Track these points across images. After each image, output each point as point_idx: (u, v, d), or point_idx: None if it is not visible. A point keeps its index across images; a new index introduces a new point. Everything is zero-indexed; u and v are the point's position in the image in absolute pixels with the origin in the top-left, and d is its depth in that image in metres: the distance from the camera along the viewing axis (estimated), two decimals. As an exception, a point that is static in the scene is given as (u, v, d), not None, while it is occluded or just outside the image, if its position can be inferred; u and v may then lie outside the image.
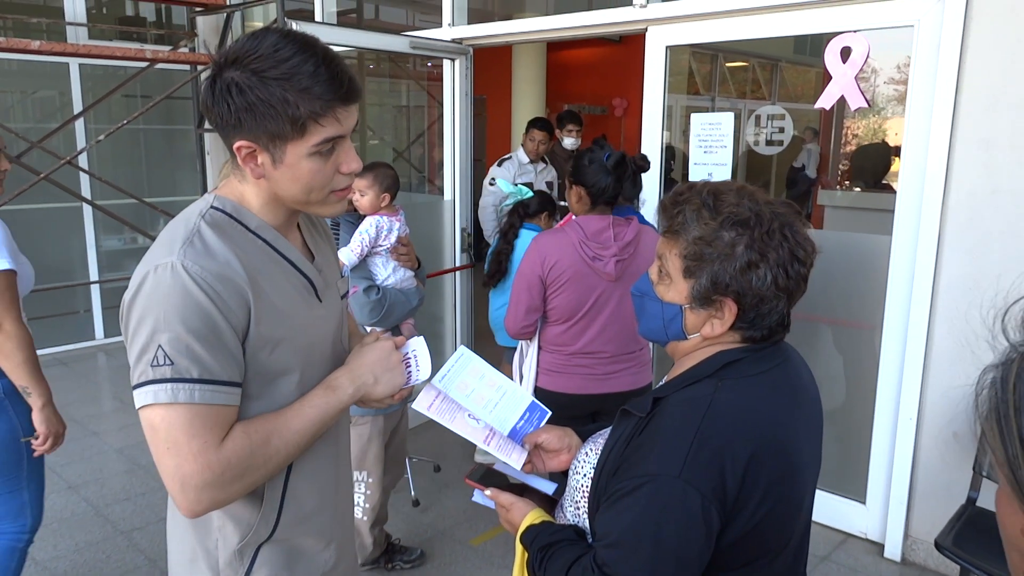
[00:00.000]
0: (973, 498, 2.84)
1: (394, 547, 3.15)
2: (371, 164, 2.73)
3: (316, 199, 1.22)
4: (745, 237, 1.14)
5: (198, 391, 1.10)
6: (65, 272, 6.18)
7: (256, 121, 1.12)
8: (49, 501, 3.65)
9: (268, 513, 1.28)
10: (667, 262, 1.22)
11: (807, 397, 1.24)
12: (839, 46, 3.18)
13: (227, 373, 1.13)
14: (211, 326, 1.11)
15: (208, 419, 1.11)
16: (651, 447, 1.13)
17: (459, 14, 4.62)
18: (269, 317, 1.19)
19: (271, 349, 1.20)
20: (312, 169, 1.17)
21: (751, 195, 1.19)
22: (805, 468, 1.18)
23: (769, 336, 1.21)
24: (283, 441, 1.19)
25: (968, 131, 2.90)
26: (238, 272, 1.15)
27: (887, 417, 3.29)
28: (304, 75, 1.11)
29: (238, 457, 1.13)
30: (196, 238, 1.16)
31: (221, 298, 1.11)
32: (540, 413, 1.54)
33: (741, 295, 1.15)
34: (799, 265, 1.16)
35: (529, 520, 1.30)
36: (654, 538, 1.07)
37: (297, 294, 1.27)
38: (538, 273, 2.59)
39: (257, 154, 1.17)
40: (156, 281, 1.12)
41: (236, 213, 1.23)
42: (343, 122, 1.17)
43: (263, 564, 1.29)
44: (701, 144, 3.73)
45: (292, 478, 1.30)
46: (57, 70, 5.98)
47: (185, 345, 1.09)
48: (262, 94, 1.10)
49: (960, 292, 3.01)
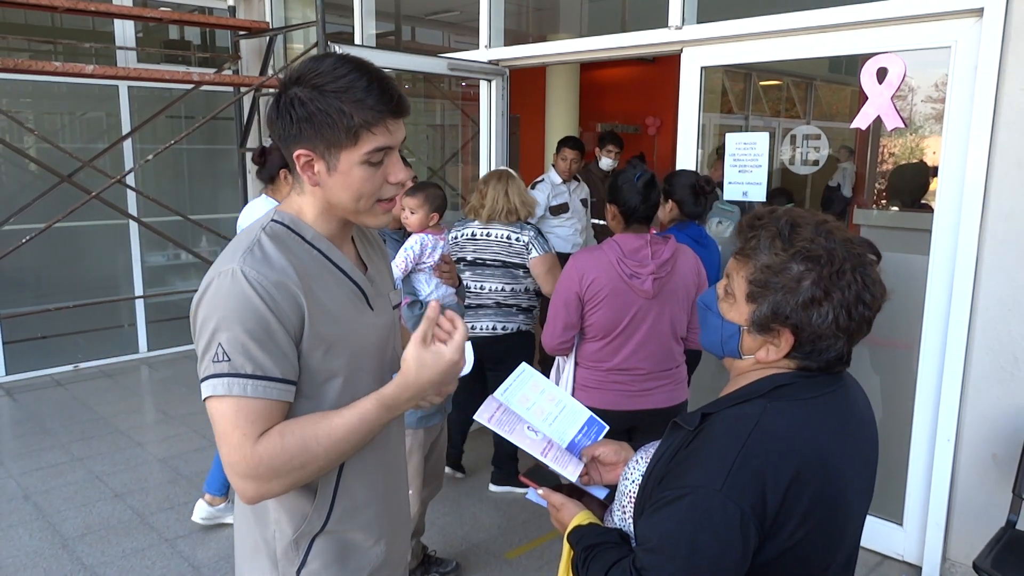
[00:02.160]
0: (1013, 521, 2.82)
1: (430, 559, 3.20)
2: (421, 184, 2.82)
3: (364, 207, 1.32)
4: (813, 273, 1.15)
5: (250, 386, 1.20)
6: (111, 287, 6.38)
7: (314, 130, 1.24)
8: (96, 508, 3.78)
9: (321, 506, 1.36)
10: (734, 282, 1.25)
11: (860, 425, 1.24)
12: (875, 67, 3.20)
13: (279, 370, 1.23)
14: (265, 327, 1.21)
15: (252, 413, 1.21)
16: (696, 460, 1.16)
17: (496, 36, 4.72)
18: (322, 320, 1.28)
19: (324, 350, 1.29)
20: (363, 177, 1.28)
21: (829, 231, 1.19)
22: (851, 494, 1.19)
23: (826, 368, 1.22)
24: (323, 446, 1.24)
25: (1006, 151, 2.90)
26: (292, 279, 1.25)
27: (925, 438, 3.27)
28: (359, 89, 1.23)
29: (270, 455, 1.21)
30: (256, 247, 1.27)
31: (276, 302, 1.22)
32: (598, 428, 1.60)
33: (800, 328, 1.17)
34: (864, 308, 1.17)
35: (577, 521, 1.35)
36: (691, 547, 1.10)
37: (348, 301, 1.36)
38: (576, 290, 2.64)
39: (314, 162, 1.28)
40: (219, 286, 1.22)
41: (294, 225, 1.34)
42: (393, 133, 1.28)
43: (317, 555, 1.37)
44: (736, 163, 3.76)
45: (344, 472, 1.38)
46: (105, 92, 6.20)
47: (241, 344, 1.19)
48: (321, 105, 1.23)
49: (999, 312, 2.99)
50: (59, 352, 6.06)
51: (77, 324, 6.09)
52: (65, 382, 5.82)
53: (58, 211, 5.31)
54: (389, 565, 1.50)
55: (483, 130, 4.80)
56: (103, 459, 4.38)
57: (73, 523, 3.63)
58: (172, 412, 5.16)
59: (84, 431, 4.79)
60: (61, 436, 4.70)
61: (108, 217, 5.99)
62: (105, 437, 4.70)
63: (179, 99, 5.96)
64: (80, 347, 6.21)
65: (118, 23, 6.19)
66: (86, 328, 6.19)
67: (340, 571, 1.40)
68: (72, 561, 3.31)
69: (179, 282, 6.86)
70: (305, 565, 1.38)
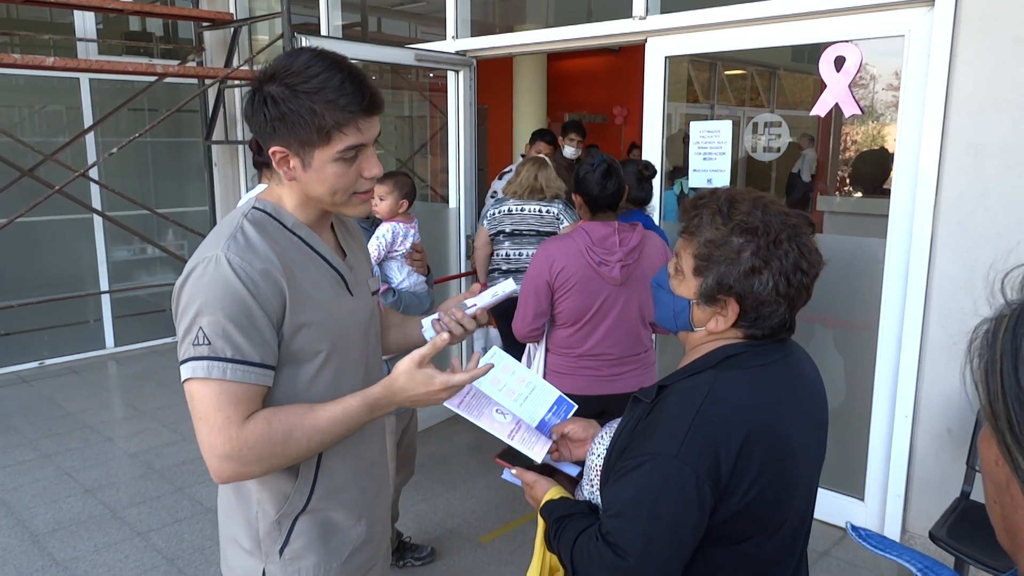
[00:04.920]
0: (967, 492, 2.93)
1: (405, 545, 3.24)
2: (390, 172, 2.85)
3: (340, 200, 1.35)
4: (752, 245, 1.23)
5: (229, 369, 1.23)
6: (76, 282, 6.29)
7: (288, 129, 1.27)
8: (67, 504, 3.75)
9: (302, 486, 1.40)
10: (682, 259, 1.32)
11: (807, 390, 1.32)
12: (833, 55, 3.29)
13: (259, 355, 1.26)
14: (247, 313, 1.24)
15: (235, 396, 1.24)
16: (654, 429, 1.23)
17: (463, 27, 4.74)
18: (303, 306, 1.32)
19: (307, 335, 1.33)
20: (336, 173, 1.31)
21: (765, 205, 1.27)
22: (800, 454, 1.26)
23: (772, 335, 1.29)
24: (306, 437, 1.29)
25: (958, 136, 3.01)
26: (276, 266, 1.28)
27: (884, 415, 3.38)
28: (331, 89, 1.25)
29: (255, 440, 1.25)
30: (239, 234, 1.30)
31: (258, 289, 1.25)
32: (567, 406, 1.66)
33: (743, 297, 1.24)
34: (802, 275, 1.25)
35: (549, 495, 1.42)
36: (651, 510, 1.17)
37: (329, 286, 1.40)
38: (545, 278, 2.68)
39: (289, 158, 1.31)
40: (203, 271, 1.25)
41: (275, 213, 1.38)
42: (364, 132, 1.30)
43: (299, 534, 1.41)
44: (700, 151, 3.84)
45: (325, 453, 1.41)
46: (66, 85, 6.09)
47: (222, 328, 1.23)
48: (293, 105, 1.25)
49: (953, 292, 3.10)
50: (24, 349, 5.97)
51: (42, 320, 6.00)
52: (31, 379, 5.74)
53: (20, 206, 5.22)
54: (372, 543, 1.54)
55: (451, 121, 4.81)
56: (72, 455, 4.34)
57: (43, 519, 3.60)
58: (142, 407, 5.12)
59: (52, 427, 4.74)
60: (28, 433, 4.65)
61: (72, 212, 5.90)
62: (73, 433, 4.66)
63: (142, 92, 5.89)
64: (45, 343, 6.12)
65: (78, 14, 6.09)
66: (51, 324, 6.10)
67: (322, 549, 1.43)
68: (43, 557, 3.29)
69: (145, 277, 6.78)
70: (288, 544, 1.41)
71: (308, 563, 1.42)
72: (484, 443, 4.45)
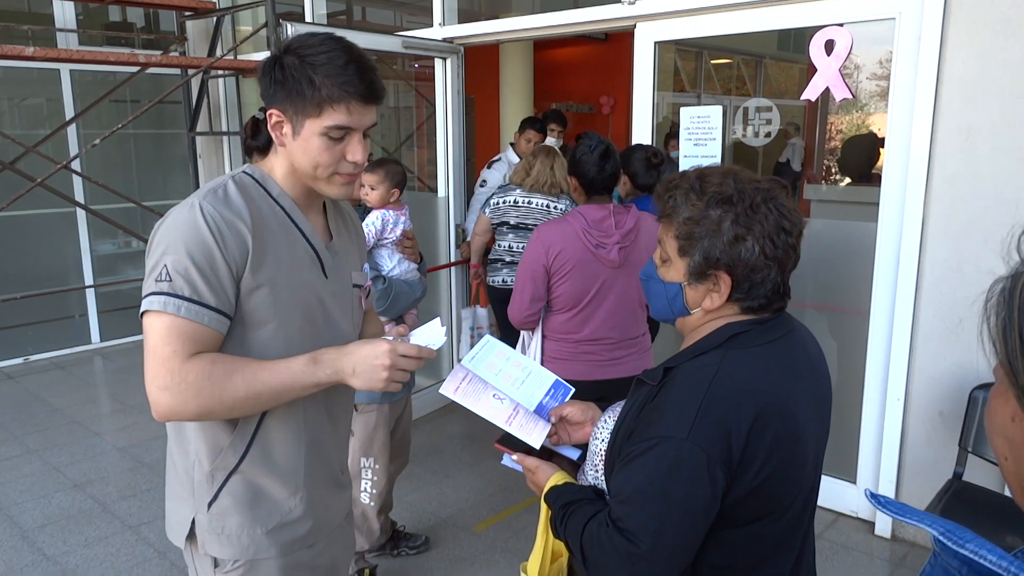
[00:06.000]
0: (959, 473, 2.95)
1: (399, 534, 3.22)
2: (381, 160, 2.82)
3: (322, 176, 1.40)
4: (731, 214, 1.23)
5: (184, 307, 1.29)
6: (60, 277, 6.21)
7: (286, 94, 1.34)
8: (56, 499, 3.71)
9: (238, 442, 1.43)
10: (665, 245, 1.32)
11: (811, 366, 1.32)
12: (823, 39, 3.28)
13: (215, 300, 1.31)
14: (209, 258, 1.30)
15: (184, 333, 1.29)
16: (662, 412, 1.21)
17: (449, 14, 4.70)
18: (266, 266, 1.36)
19: (263, 296, 1.37)
20: (321, 147, 1.36)
21: (735, 175, 1.27)
22: (808, 429, 1.25)
23: (768, 305, 1.28)
24: (245, 382, 1.31)
25: (949, 119, 3.01)
26: (245, 220, 1.34)
27: (876, 398, 3.39)
28: (334, 66, 1.32)
29: (195, 375, 1.29)
30: (221, 190, 1.38)
31: (224, 236, 1.31)
32: (564, 390, 1.65)
33: (732, 267, 1.24)
34: (785, 235, 1.24)
35: (553, 481, 1.39)
36: (662, 494, 1.16)
37: (300, 260, 1.43)
38: (542, 263, 2.66)
39: (283, 124, 1.37)
40: (177, 215, 1.33)
41: (262, 180, 1.44)
42: (354, 115, 1.35)
43: (229, 492, 1.44)
44: (690, 137, 3.83)
45: (267, 417, 1.44)
46: (46, 76, 5.99)
47: (184, 268, 1.29)
48: (296, 73, 1.33)
49: (944, 275, 3.11)
50: (8, 345, 5.89)
51: (26, 316, 5.92)
52: (16, 375, 5.67)
53: (1, 200, 5.14)
54: (310, 523, 1.53)
55: (439, 109, 4.77)
56: (60, 450, 4.29)
57: (32, 514, 3.56)
58: (129, 401, 5.07)
59: (38, 423, 4.68)
60: (14, 429, 4.59)
61: (55, 205, 5.82)
62: (61, 428, 4.60)
63: (124, 82, 5.79)
64: (30, 339, 6.04)
65: (57, 4, 5.99)
66: (35, 320, 6.03)
67: (249, 513, 1.45)
68: (33, 552, 3.25)
69: (131, 270, 6.69)
70: (216, 500, 1.44)
71: (233, 522, 1.45)
72: (478, 432, 4.44)
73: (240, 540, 1.45)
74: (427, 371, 4.78)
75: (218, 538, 1.45)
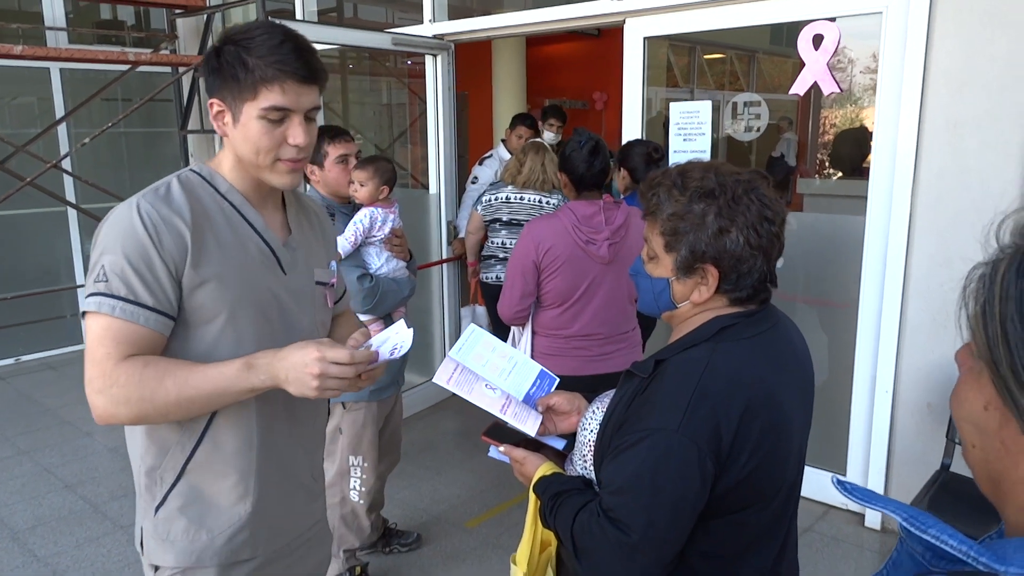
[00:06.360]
0: (947, 464, 2.96)
1: (391, 531, 3.22)
2: (370, 158, 2.82)
3: (264, 163, 1.36)
4: (714, 206, 1.25)
5: (119, 307, 1.27)
6: (51, 277, 6.19)
7: (223, 80, 1.33)
8: (47, 500, 3.70)
9: (185, 443, 1.40)
10: (652, 242, 1.34)
11: (796, 358, 1.35)
12: (811, 33, 3.29)
13: (152, 300, 1.29)
14: (145, 257, 1.28)
15: (120, 334, 1.27)
16: (653, 404, 1.22)
17: (439, 10, 4.69)
18: (209, 262, 1.33)
19: (205, 290, 1.33)
20: (259, 131, 1.33)
21: (716, 169, 1.29)
22: (793, 421, 1.28)
23: (754, 295, 1.30)
24: (177, 386, 1.27)
25: (936, 113, 3.01)
26: (184, 217, 1.32)
27: (864, 391, 3.40)
28: (267, 47, 1.30)
29: (126, 378, 1.26)
30: (163, 188, 1.36)
31: (159, 233, 1.29)
32: (550, 380, 1.67)
33: (719, 259, 1.25)
34: (768, 224, 1.26)
35: (541, 472, 1.41)
36: (653, 485, 1.17)
37: (251, 257, 1.40)
38: (532, 258, 2.67)
39: (224, 113, 1.35)
40: (116, 214, 1.32)
41: (209, 177, 1.42)
42: (289, 95, 1.32)
43: (177, 495, 1.41)
44: (680, 132, 3.83)
45: (217, 418, 1.40)
46: (36, 75, 5.97)
47: (120, 268, 1.27)
48: (230, 57, 1.31)
49: (931, 268, 3.12)
50: (-1, 345, 5.88)
51: (17, 316, 5.90)
52: (6, 376, 5.66)
53: (-9, 199, 5.12)
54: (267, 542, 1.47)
55: (430, 106, 4.77)
56: (51, 451, 4.28)
57: (23, 515, 3.55)
58: (121, 401, 5.05)
59: (29, 424, 4.67)
60: (5, 430, 4.58)
61: (45, 204, 5.80)
62: (52, 429, 4.59)
63: (115, 81, 5.77)
64: (21, 340, 6.02)
65: (47, 2, 5.95)
66: (26, 320, 6.01)
67: (197, 518, 1.41)
68: (24, 553, 3.24)
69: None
70: (164, 504, 1.41)
71: (178, 527, 1.40)
72: (469, 429, 4.44)
73: (182, 546, 1.40)
74: (419, 368, 4.78)
75: (162, 544, 1.41)
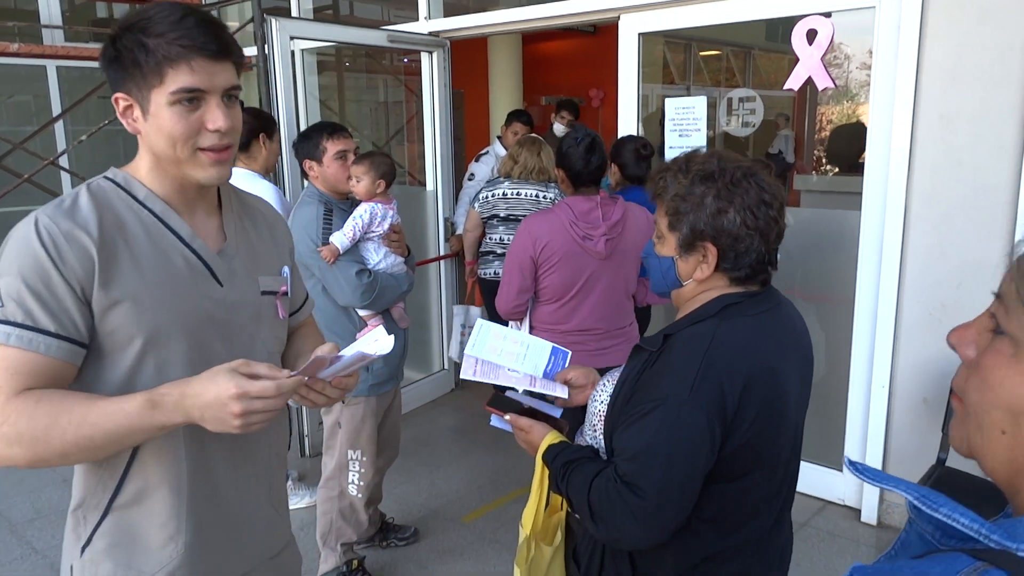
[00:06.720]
0: (943, 459, 2.98)
1: (388, 525, 3.24)
2: (368, 152, 2.82)
3: (183, 155, 1.22)
4: (713, 188, 1.34)
5: (14, 335, 1.13)
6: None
7: (123, 70, 1.19)
8: (45, 493, 3.71)
9: (108, 478, 1.27)
10: (659, 223, 1.44)
11: (796, 335, 1.44)
12: (805, 28, 3.30)
13: (55, 325, 1.14)
14: (44, 278, 1.14)
15: (16, 364, 1.13)
16: (662, 376, 1.32)
17: (435, 7, 4.70)
18: (123, 279, 1.19)
19: (119, 311, 1.20)
20: (172, 118, 1.18)
21: (720, 155, 1.39)
22: (791, 394, 1.38)
23: (754, 275, 1.38)
24: (73, 426, 1.12)
25: (929, 107, 3.03)
26: (90, 231, 1.17)
27: (861, 386, 3.42)
28: (165, 23, 1.16)
29: (16, 416, 1.11)
30: (70, 200, 1.21)
31: (59, 251, 1.14)
32: (563, 354, 1.74)
33: (717, 237, 1.34)
34: (766, 207, 1.34)
35: (549, 440, 1.49)
36: (668, 451, 1.27)
37: (174, 268, 1.26)
38: (530, 254, 2.68)
39: (132, 107, 1.22)
40: (16, 232, 1.18)
41: (125, 183, 1.27)
42: (199, 73, 1.17)
43: (104, 535, 1.28)
44: (676, 128, 3.84)
45: (141, 451, 1.27)
46: (32, 72, 5.96)
47: (16, 291, 1.13)
48: (127, 42, 1.17)
49: (927, 262, 3.13)
50: (-4, 343, 5.86)
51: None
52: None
53: (-12, 196, 5.11)
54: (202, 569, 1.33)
55: (426, 103, 4.78)
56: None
57: (21, 509, 3.56)
58: (119, 398, 5.06)
59: (27, 420, 4.68)
60: (3, 426, 4.58)
61: (42, 202, 5.73)
62: (50, 425, 4.60)
63: (111, 78, 5.77)
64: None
65: (42, 0, 5.96)
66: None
67: (125, 560, 1.28)
68: (22, 545, 3.25)
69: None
70: (90, 543, 1.28)
71: (105, 569, 1.27)
72: (467, 425, 4.46)
73: None
74: (417, 365, 4.79)
75: None
